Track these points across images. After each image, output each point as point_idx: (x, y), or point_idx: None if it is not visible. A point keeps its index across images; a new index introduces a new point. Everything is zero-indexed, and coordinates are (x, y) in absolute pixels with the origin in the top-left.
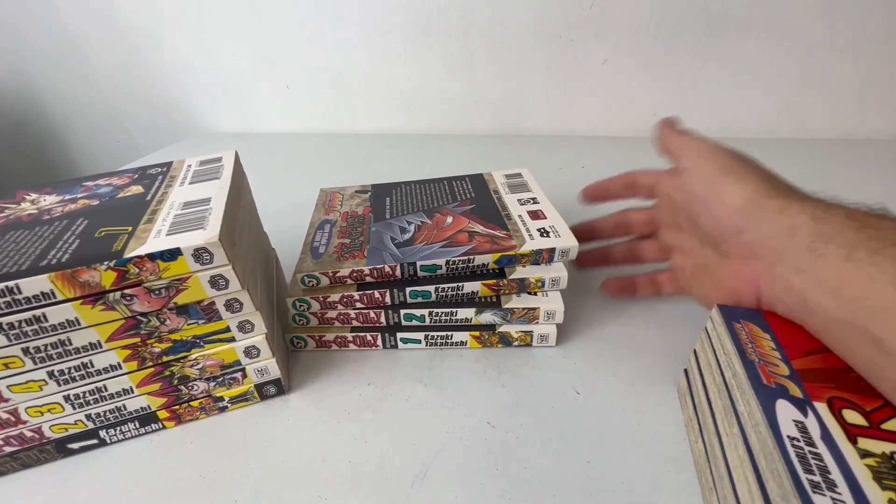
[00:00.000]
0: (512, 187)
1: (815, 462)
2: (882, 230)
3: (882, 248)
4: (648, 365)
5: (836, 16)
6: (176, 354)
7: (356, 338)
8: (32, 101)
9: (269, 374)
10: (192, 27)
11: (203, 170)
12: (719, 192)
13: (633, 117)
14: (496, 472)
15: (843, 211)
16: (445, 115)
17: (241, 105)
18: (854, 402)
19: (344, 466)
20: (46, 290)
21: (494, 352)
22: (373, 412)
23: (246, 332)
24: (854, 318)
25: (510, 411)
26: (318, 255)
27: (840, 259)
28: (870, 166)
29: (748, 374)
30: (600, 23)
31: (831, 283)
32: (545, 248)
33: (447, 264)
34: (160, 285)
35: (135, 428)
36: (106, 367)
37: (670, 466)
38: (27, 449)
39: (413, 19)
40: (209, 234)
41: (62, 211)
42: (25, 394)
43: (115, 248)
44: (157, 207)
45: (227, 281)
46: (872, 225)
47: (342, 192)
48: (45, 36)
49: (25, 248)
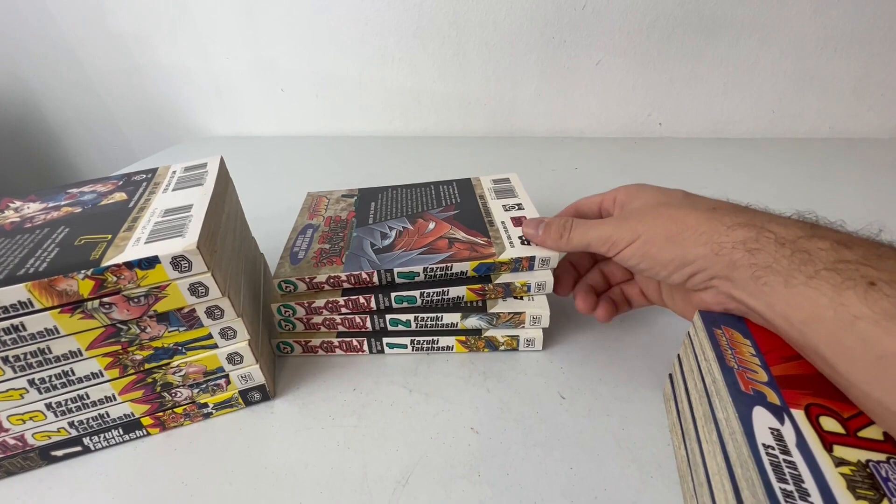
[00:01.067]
0: (498, 192)
1: (790, 471)
2: (812, 253)
3: (816, 273)
4: (635, 370)
5: (830, 15)
6: (158, 362)
7: (342, 343)
8: (29, 106)
9: (253, 380)
10: (187, 32)
11: (187, 176)
12: (654, 261)
13: (627, 118)
14: (478, 478)
15: (773, 236)
16: (439, 118)
17: (236, 108)
18: (832, 408)
19: (326, 473)
20: (24, 299)
21: (480, 356)
22: (357, 418)
23: (228, 339)
24: (805, 341)
25: (495, 416)
26: (296, 261)
27: (781, 285)
28: (864, 165)
29: (727, 381)
30: (593, 23)
31: (779, 309)
32: (525, 256)
33: (425, 272)
34: (139, 293)
35: (119, 435)
36: (87, 374)
37: (653, 472)
38: (10, 456)
39: (406, 22)
40: (187, 241)
41: (45, 219)
42: (6, 402)
43: (93, 257)
44: (138, 215)
45: (206, 288)
46: (802, 248)
47: (329, 195)
48: (41, 42)
49: (4, 257)
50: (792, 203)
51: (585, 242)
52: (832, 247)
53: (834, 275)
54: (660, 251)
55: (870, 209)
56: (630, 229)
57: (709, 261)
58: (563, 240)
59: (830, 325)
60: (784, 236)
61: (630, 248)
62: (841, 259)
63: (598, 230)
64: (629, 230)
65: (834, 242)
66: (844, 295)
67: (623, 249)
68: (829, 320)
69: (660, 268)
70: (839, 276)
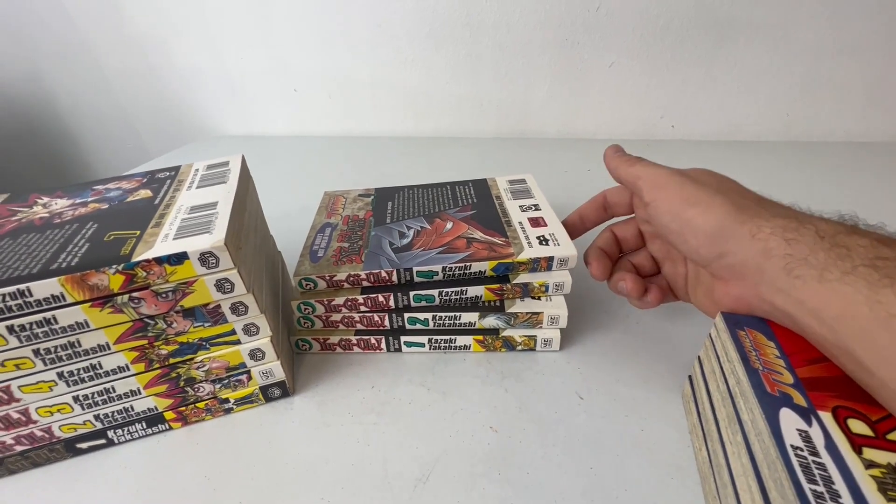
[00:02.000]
0: (515, 193)
1: (819, 472)
2: (851, 248)
3: (853, 269)
4: (653, 371)
5: (845, 18)
6: (182, 356)
7: (360, 341)
8: (46, 105)
9: (273, 376)
10: (201, 33)
11: (210, 174)
12: (688, 225)
13: (639, 120)
14: (498, 476)
15: (814, 228)
16: (451, 119)
17: (249, 108)
18: (860, 411)
19: (347, 469)
20: (56, 293)
21: (498, 356)
22: (376, 415)
23: (251, 335)
24: (836, 338)
25: (513, 416)
26: (316, 259)
27: (815, 280)
28: (878, 169)
29: (752, 382)
30: (607, 25)
31: (811, 305)
32: (543, 256)
33: (444, 271)
34: (167, 288)
35: (142, 428)
36: (114, 368)
37: (674, 474)
38: (37, 448)
39: (419, 23)
40: (215, 238)
41: (73, 214)
42: (36, 394)
43: (123, 252)
44: (164, 211)
45: (232, 284)
46: (841, 243)
47: (346, 195)
48: (59, 42)
49: (37, 252)
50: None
51: (638, 175)
52: (871, 244)
53: (872, 271)
54: (696, 214)
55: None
56: (679, 182)
57: (743, 243)
58: (627, 161)
59: (864, 322)
60: (825, 230)
61: (669, 199)
62: (880, 256)
63: (654, 169)
64: (678, 183)
65: (874, 240)
66: (881, 292)
67: (663, 197)
68: (863, 317)
69: (691, 234)
70: (877, 272)
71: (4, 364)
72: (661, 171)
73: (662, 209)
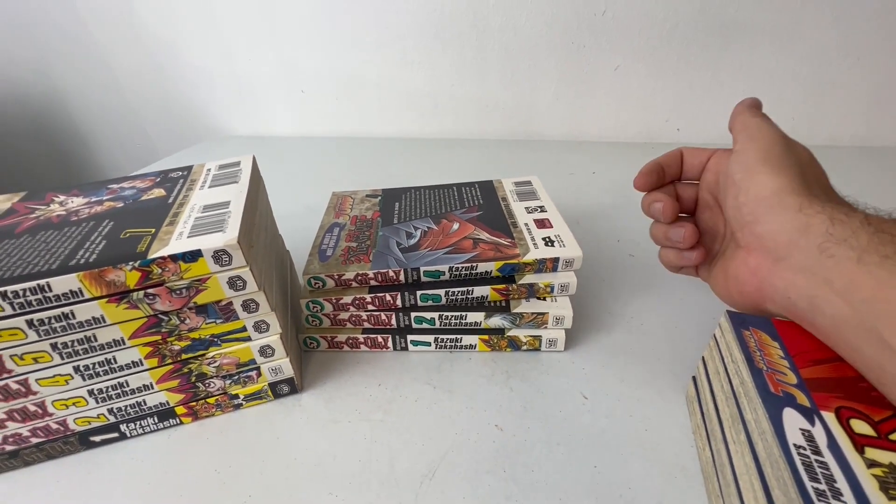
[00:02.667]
0: (520, 195)
1: (821, 471)
2: (894, 235)
3: (894, 253)
4: (657, 371)
5: (851, 22)
6: (194, 352)
7: (367, 339)
8: (57, 104)
9: (282, 373)
10: (210, 34)
11: (222, 174)
12: (750, 180)
13: (645, 123)
14: (504, 474)
15: (862, 215)
16: (457, 120)
17: (257, 109)
18: (862, 412)
19: (354, 465)
20: (75, 288)
21: (503, 355)
22: (383, 413)
23: (261, 332)
24: (862, 320)
25: (518, 415)
26: (325, 258)
27: (851, 261)
28: (885, 173)
29: (756, 382)
30: (613, 29)
31: (840, 285)
32: (549, 257)
33: (450, 271)
34: (181, 285)
35: (154, 423)
36: (128, 363)
37: (677, 473)
38: (52, 440)
39: (426, 25)
40: (228, 236)
41: (89, 213)
42: (52, 387)
43: (139, 249)
44: (178, 210)
45: (244, 282)
46: (887, 230)
47: (353, 195)
48: (69, 42)
49: (55, 248)
50: None
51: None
52: None
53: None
54: (763, 173)
55: None
56: (772, 142)
57: (786, 214)
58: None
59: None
60: (873, 218)
61: (755, 150)
62: None
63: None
64: (771, 142)
65: None
66: None
67: (751, 148)
68: (894, 301)
69: (746, 189)
70: None
71: (23, 357)
72: (769, 129)
73: (740, 159)
